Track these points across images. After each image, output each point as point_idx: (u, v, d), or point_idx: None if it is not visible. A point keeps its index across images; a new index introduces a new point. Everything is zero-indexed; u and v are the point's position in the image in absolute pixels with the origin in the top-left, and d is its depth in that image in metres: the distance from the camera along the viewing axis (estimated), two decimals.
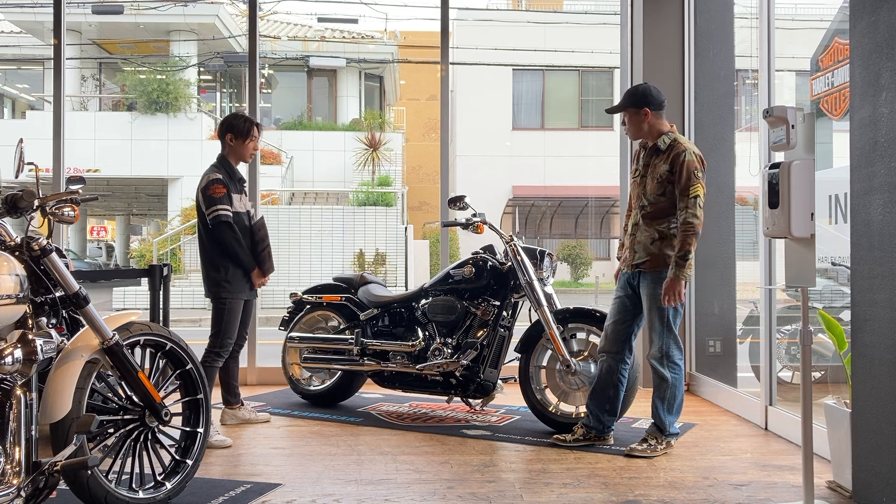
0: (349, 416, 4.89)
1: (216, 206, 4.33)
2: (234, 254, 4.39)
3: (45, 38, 18.83)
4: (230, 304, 4.42)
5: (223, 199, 4.33)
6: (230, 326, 4.44)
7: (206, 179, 4.40)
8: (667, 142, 4.03)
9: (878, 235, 3.04)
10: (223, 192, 4.35)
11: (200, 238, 4.48)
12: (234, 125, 4.50)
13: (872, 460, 3.10)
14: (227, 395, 4.68)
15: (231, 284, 4.42)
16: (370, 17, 37.00)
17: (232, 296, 4.43)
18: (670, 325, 3.99)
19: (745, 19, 5.72)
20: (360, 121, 20.32)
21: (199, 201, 4.41)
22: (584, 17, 20.68)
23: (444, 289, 4.85)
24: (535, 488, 3.45)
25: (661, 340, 4.00)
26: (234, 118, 4.55)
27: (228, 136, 4.49)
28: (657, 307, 3.98)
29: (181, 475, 3.19)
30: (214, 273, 4.41)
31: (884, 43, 3.01)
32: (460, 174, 20.56)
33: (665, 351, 4.00)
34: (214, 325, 4.45)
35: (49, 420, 2.66)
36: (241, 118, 4.55)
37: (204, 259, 4.47)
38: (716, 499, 3.33)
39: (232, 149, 4.51)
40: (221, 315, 4.42)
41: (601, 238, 21.43)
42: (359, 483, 3.52)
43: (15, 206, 2.73)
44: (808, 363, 3.14)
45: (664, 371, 4.01)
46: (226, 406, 4.69)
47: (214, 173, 4.42)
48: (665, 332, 3.99)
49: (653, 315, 4.01)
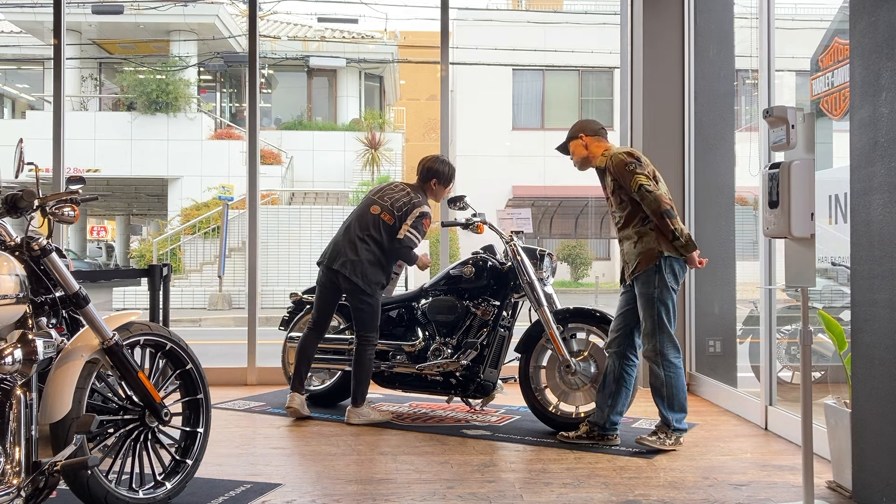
0: None
1: (419, 234, 4.67)
2: (392, 272, 4.84)
3: (45, 38, 18.83)
4: (377, 302, 4.72)
5: (425, 234, 4.74)
6: (377, 319, 4.75)
7: (424, 209, 4.71)
8: (603, 162, 4.19)
9: (878, 235, 3.04)
10: (427, 229, 4.76)
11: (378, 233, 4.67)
12: (441, 173, 4.86)
13: (872, 460, 3.10)
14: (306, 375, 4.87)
15: (378, 286, 4.73)
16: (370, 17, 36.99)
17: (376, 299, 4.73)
18: (662, 324, 4.02)
19: (745, 19, 5.72)
20: (360, 121, 20.32)
21: (407, 217, 4.65)
22: (584, 17, 20.69)
23: (444, 289, 4.86)
24: (535, 488, 3.45)
25: (653, 339, 4.04)
26: (441, 165, 4.88)
27: (433, 181, 4.85)
28: (648, 307, 4.03)
29: (181, 475, 3.19)
30: (379, 276, 4.70)
31: (884, 43, 3.01)
32: (460, 174, 20.45)
33: (659, 350, 4.03)
34: (366, 322, 4.68)
35: (49, 420, 2.66)
36: (447, 166, 4.91)
37: (374, 257, 4.66)
38: (716, 499, 3.33)
39: (433, 191, 4.88)
40: (374, 311, 4.70)
41: (601, 238, 21.44)
42: (359, 483, 3.52)
43: (15, 206, 2.73)
44: (808, 363, 3.14)
45: (658, 370, 4.05)
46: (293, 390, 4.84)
47: (428, 206, 4.79)
48: (657, 331, 4.03)
49: (644, 314, 4.07)
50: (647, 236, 4.04)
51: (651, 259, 4.01)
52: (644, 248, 4.04)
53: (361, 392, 4.68)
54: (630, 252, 4.11)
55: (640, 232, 4.06)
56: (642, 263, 4.04)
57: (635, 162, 4.04)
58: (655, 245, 4.01)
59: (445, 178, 4.86)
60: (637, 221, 4.07)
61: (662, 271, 4.01)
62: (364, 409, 4.68)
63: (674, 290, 4.04)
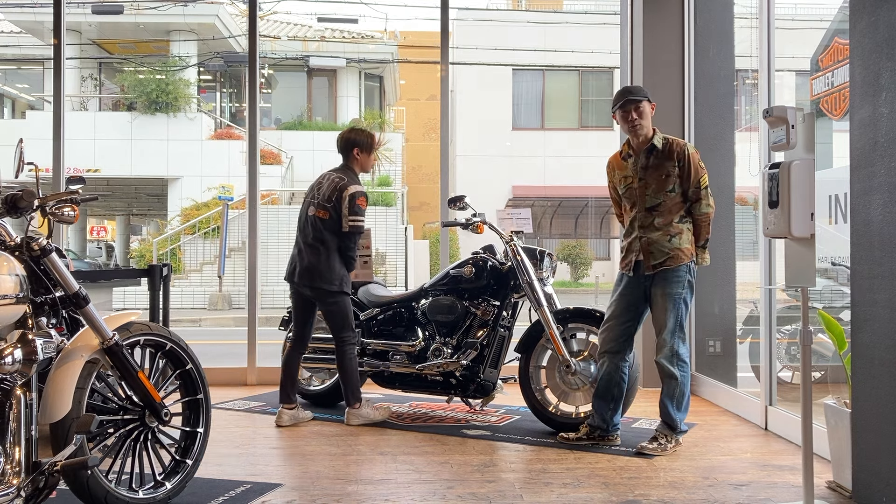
0: None
1: (361, 217, 4.60)
2: (353, 259, 4.71)
3: (45, 38, 18.83)
4: (343, 300, 4.68)
5: (365, 212, 4.64)
6: (351, 316, 4.73)
7: (356, 188, 4.61)
8: (661, 140, 4.09)
9: (878, 235, 3.04)
10: (366, 206, 4.65)
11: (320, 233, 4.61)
12: (360, 141, 4.78)
13: (872, 460, 3.10)
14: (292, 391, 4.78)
15: (342, 284, 4.65)
16: (370, 17, 37.01)
17: (341, 295, 4.66)
18: (682, 324, 4.02)
19: (745, 19, 5.71)
20: (359, 121, 20.31)
21: (342, 204, 4.56)
22: (584, 17, 20.68)
23: (444, 289, 4.86)
24: (535, 488, 3.45)
25: (672, 339, 4.00)
26: (358, 134, 4.80)
27: (355, 150, 4.76)
28: (673, 307, 3.99)
29: (181, 475, 3.19)
30: (331, 273, 4.61)
31: (884, 43, 3.01)
32: (460, 174, 20.56)
33: (676, 350, 4.00)
34: (341, 321, 4.66)
35: (49, 420, 2.66)
36: (365, 133, 4.83)
37: (319, 256, 4.61)
38: (716, 499, 3.32)
39: (358, 161, 4.79)
40: (344, 310, 4.68)
41: (601, 238, 21.44)
42: (359, 483, 3.52)
43: (15, 206, 2.73)
44: (808, 363, 3.14)
45: (674, 370, 4.00)
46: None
47: (359, 185, 4.68)
48: (676, 331, 4.00)
49: (668, 315, 4.00)
50: (683, 235, 4.02)
51: (682, 259, 4.00)
52: (678, 246, 4.00)
53: (352, 392, 4.66)
54: (660, 243, 4.01)
55: (678, 228, 4.02)
56: (673, 260, 3.99)
57: None
58: (690, 246, 4.02)
59: (366, 144, 4.78)
60: (678, 216, 4.03)
61: (692, 273, 4.03)
62: (362, 409, 4.67)
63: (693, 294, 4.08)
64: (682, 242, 4.01)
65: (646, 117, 4.07)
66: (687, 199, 4.05)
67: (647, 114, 4.07)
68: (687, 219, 4.05)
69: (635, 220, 4.11)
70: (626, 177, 4.15)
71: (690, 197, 4.03)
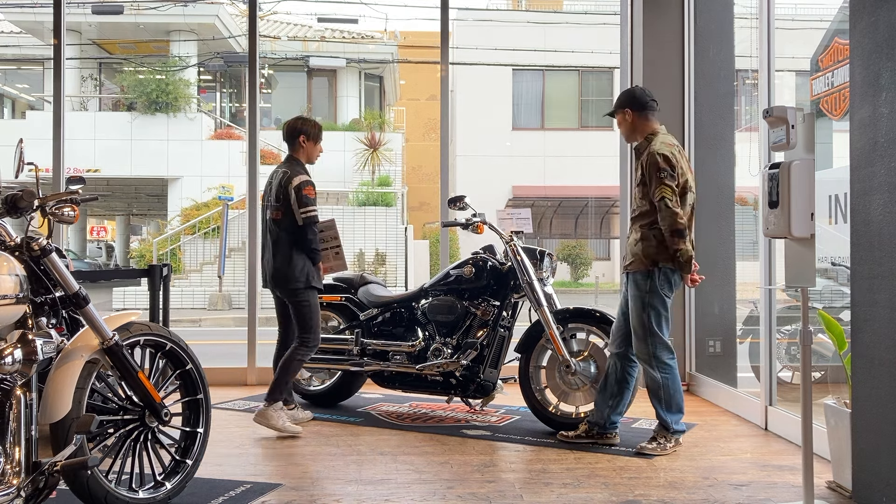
0: (349, 416, 4.89)
1: (311, 206, 4.48)
2: (316, 251, 4.54)
3: (45, 38, 18.82)
4: (312, 298, 4.53)
5: (315, 201, 4.51)
6: (317, 319, 4.57)
7: (300, 179, 4.50)
8: (643, 146, 4.10)
9: (878, 235, 3.04)
10: (315, 194, 4.53)
11: (280, 232, 4.51)
12: (306, 129, 4.67)
13: (872, 460, 3.10)
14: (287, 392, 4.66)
15: (308, 279, 4.50)
16: (370, 17, 37.02)
17: (310, 291, 4.52)
18: (652, 329, 4.00)
19: (745, 19, 5.71)
20: (359, 121, 20.31)
21: (291, 199, 4.46)
22: (584, 17, 20.67)
23: (444, 289, 4.85)
24: (535, 488, 3.45)
25: (644, 343, 4.02)
26: (304, 122, 4.71)
27: (301, 137, 4.65)
28: (637, 311, 4.02)
29: (181, 475, 3.19)
30: (293, 270, 4.48)
31: (884, 43, 3.01)
32: (460, 174, 20.56)
33: (652, 353, 4.02)
34: (304, 322, 4.52)
35: (49, 420, 2.66)
36: (311, 122, 4.74)
37: (280, 254, 4.51)
38: (716, 499, 3.32)
39: (304, 151, 4.67)
40: (309, 311, 4.53)
41: (601, 238, 21.44)
42: (359, 483, 3.52)
43: (15, 206, 2.73)
44: (808, 363, 3.14)
45: (654, 372, 4.03)
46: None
47: (305, 174, 4.56)
48: (648, 336, 4.01)
49: (634, 317, 4.05)
50: (649, 240, 4.00)
51: (644, 264, 4.00)
52: (642, 251, 4.02)
53: (278, 388, 4.47)
54: (630, 246, 4.12)
55: (643, 234, 4.02)
56: (636, 264, 4.04)
57: (667, 171, 3.91)
58: (654, 252, 3.98)
59: (312, 132, 4.67)
60: (647, 221, 4.02)
61: (655, 278, 3.99)
62: (276, 410, 4.43)
63: (667, 297, 4.02)
64: (646, 248, 3.99)
65: (623, 126, 4.19)
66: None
67: (624, 122, 4.18)
68: (656, 227, 3.98)
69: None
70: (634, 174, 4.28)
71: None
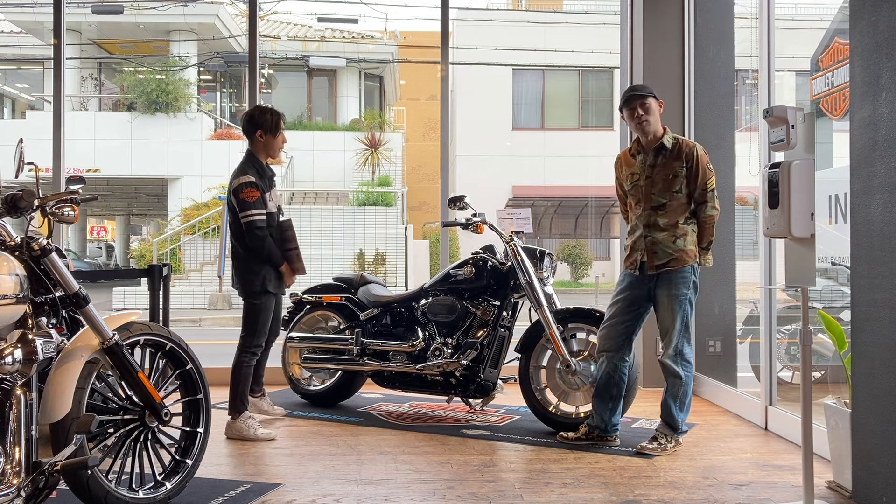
0: (349, 416, 4.89)
1: (250, 210, 4.25)
2: (267, 256, 4.32)
3: (45, 38, 18.83)
4: (265, 303, 4.39)
5: (257, 204, 4.25)
6: (264, 325, 4.42)
7: (238, 181, 4.29)
8: (671, 140, 4.09)
9: (878, 235, 3.04)
10: (256, 196, 4.26)
11: (233, 237, 4.40)
12: (263, 121, 4.39)
13: (872, 460, 3.10)
14: (252, 383, 4.56)
15: (264, 284, 4.35)
16: (370, 17, 37.01)
17: (265, 296, 4.38)
18: (688, 324, 4.03)
19: (745, 19, 5.71)
20: (360, 121, 20.32)
21: (232, 203, 4.34)
22: (584, 17, 20.68)
23: (444, 289, 4.85)
24: (535, 488, 3.45)
25: (677, 339, 4.00)
26: (261, 113, 4.41)
27: (258, 132, 4.39)
28: (679, 308, 4.00)
29: (181, 475, 3.19)
30: (249, 275, 4.35)
31: (884, 43, 3.01)
32: (460, 174, 20.55)
33: (680, 349, 4.01)
34: (249, 325, 4.40)
35: (49, 420, 2.66)
36: (268, 112, 4.43)
37: (237, 259, 4.42)
38: (716, 499, 3.33)
39: (262, 145, 4.42)
40: (256, 315, 4.39)
41: (601, 238, 21.44)
42: (359, 483, 3.52)
43: (15, 206, 2.73)
44: (808, 363, 3.14)
45: (678, 369, 4.00)
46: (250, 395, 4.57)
47: (245, 175, 4.30)
48: (682, 332, 4.00)
49: (673, 315, 4.00)
50: (688, 236, 4.02)
51: (686, 261, 4.00)
52: (683, 247, 4.00)
53: (237, 399, 4.34)
54: (665, 244, 4.01)
55: (683, 229, 4.02)
56: (677, 262, 4.00)
57: None
58: (694, 248, 4.03)
59: (269, 125, 4.36)
60: (683, 217, 4.03)
61: (696, 274, 4.04)
62: (244, 421, 4.32)
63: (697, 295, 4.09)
64: (687, 244, 4.02)
65: (652, 114, 4.07)
66: (693, 201, 4.05)
67: (653, 111, 4.07)
68: (692, 220, 4.06)
69: (640, 219, 4.11)
70: (634, 174, 4.16)
71: (696, 199, 4.04)
